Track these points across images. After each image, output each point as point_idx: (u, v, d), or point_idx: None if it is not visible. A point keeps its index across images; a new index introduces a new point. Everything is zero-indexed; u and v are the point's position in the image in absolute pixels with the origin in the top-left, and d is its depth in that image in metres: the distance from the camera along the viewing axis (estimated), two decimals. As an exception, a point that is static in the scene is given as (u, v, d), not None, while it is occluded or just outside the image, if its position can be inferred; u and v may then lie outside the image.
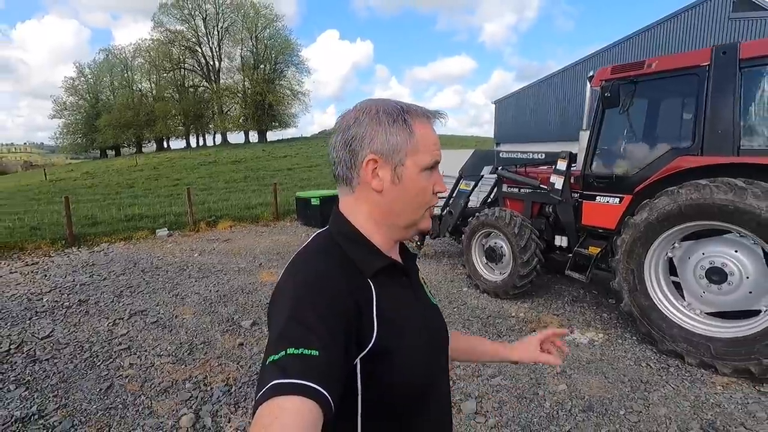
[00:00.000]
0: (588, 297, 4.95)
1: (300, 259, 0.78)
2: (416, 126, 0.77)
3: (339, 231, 0.80)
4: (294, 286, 0.70)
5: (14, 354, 3.81)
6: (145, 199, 14.25)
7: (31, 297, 5.35)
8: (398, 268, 0.81)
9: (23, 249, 8.01)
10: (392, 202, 0.77)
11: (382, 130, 0.75)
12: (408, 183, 0.76)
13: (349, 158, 0.76)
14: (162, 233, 9.37)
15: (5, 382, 3.31)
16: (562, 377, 3.21)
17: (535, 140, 16.73)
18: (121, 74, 53.04)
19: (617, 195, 3.99)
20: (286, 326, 0.63)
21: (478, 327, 4.20)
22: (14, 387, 3.24)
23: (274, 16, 50.71)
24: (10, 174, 56.26)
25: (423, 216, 0.81)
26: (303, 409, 0.54)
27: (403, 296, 0.81)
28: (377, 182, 0.76)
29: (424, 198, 0.79)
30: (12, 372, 3.48)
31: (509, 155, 5.56)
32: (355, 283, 0.73)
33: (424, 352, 0.79)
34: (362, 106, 0.78)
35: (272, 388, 0.55)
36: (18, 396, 3.11)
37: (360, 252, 0.77)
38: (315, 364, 0.58)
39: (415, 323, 0.79)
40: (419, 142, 0.76)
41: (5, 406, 2.98)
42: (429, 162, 0.77)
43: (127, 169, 28.68)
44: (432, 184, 0.80)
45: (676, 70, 3.60)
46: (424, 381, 0.79)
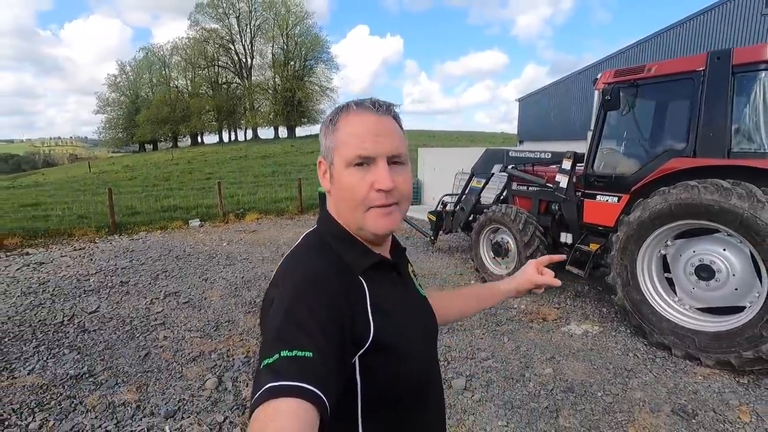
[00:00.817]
0: (591, 293, 5.11)
1: (291, 259, 0.78)
2: (343, 121, 0.74)
3: (327, 230, 0.80)
4: (286, 287, 0.70)
5: (67, 325, 4.37)
6: (179, 191, 15.09)
7: (79, 278, 5.99)
8: (388, 264, 0.82)
9: (72, 235, 8.79)
10: (336, 202, 0.79)
11: (322, 132, 0.79)
12: (337, 181, 0.75)
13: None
14: (194, 224, 10.02)
15: (61, 347, 3.85)
16: (550, 362, 3.45)
17: (558, 138, 16.56)
18: (159, 71, 55.43)
19: (616, 194, 4.15)
20: (280, 328, 0.63)
21: (479, 317, 4.46)
22: (68, 351, 3.77)
23: (305, 14, 51.82)
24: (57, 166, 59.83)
25: (364, 217, 0.74)
26: (299, 411, 0.54)
27: (395, 291, 0.81)
28: (326, 182, 0.79)
29: (354, 195, 0.73)
30: (66, 339, 4.03)
31: (518, 154, 5.75)
32: (347, 282, 0.73)
33: (419, 344, 0.81)
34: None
35: (267, 391, 0.55)
36: (71, 359, 3.64)
37: (349, 250, 0.77)
38: (310, 366, 0.58)
39: (408, 316, 0.80)
40: (342, 137, 0.74)
41: (62, 366, 3.50)
42: (351, 156, 0.72)
43: (163, 162, 30.11)
44: (367, 182, 0.72)
45: (673, 74, 3.74)
46: (421, 372, 0.81)
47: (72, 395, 3.07)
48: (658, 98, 4.22)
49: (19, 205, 12.16)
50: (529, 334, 4.01)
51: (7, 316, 4.57)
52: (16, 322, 4.41)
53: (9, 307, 4.83)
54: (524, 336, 3.98)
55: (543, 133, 19.21)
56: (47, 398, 3.02)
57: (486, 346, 3.78)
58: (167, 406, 2.92)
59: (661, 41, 15.15)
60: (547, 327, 4.17)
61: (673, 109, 4.11)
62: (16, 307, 4.83)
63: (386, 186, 0.71)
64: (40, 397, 3.03)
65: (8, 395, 3.06)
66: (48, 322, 4.43)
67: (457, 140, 38.35)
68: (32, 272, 6.29)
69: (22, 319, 4.51)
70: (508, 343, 3.83)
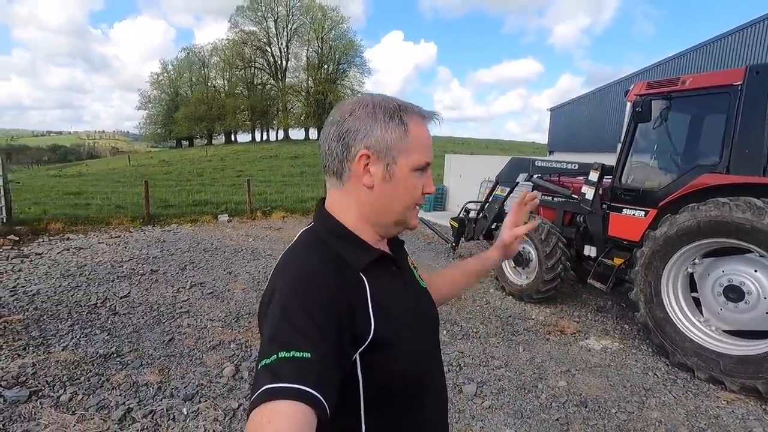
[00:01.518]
0: (614, 308, 4.98)
1: (289, 258, 0.77)
2: (411, 125, 0.76)
3: (325, 228, 0.79)
4: (284, 287, 0.69)
5: (100, 307, 4.62)
6: (211, 187, 15.59)
7: (113, 264, 6.30)
8: (388, 259, 0.81)
9: (109, 224, 9.25)
10: (381, 199, 0.77)
11: (377, 125, 0.74)
12: (399, 181, 0.76)
13: (342, 151, 0.75)
14: (223, 219, 10.35)
15: (93, 328, 4.08)
16: (564, 375, 3.40)
17: (588, 150, 16.13)
18: (198, 71, 57.43)
19: (643, 208, 4.05)
20: (278, 329, 0.63)
21: (495, 325, 4.43)
22: (99, 332, 4.00)
23: (341, 18, 52.60)
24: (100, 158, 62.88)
25: (411, 214, 0.81)
26: (296, 413, 0.54)
27: (395, 285, 0.81)
28: (368, 178, 0.75)
29: (413, 197, 0.79)
30: (98, 320, 4.26)
31: (544, 164, 5.68)
32: (347, 279, 0.72)
33: (420, 338, 0.81)
34: (359, 99, 0.78)
35: (265, 392, 0.55)
36: (101, 339, 3.85)
37: (349, 247, 0.76)
38: (307, 367, 0.58)
39: (409, 310, 0.80)
40: (413, 142, 0.76)
41: (93, 345, 3.71)
42: (421, 163, 0.77)
43: (198, 158, 31.18)
44: (422, 185, 0.80)
45: (709, 87, 3.63)
46: (422, 365, 0.81)
47: (100, 373, 3.25)
48: (691, 112, 4.09)
49: (63, 193, 12.89)
50: (546, 346, 3.95)
51: (47, 296, 4.87)
52: (54, 302, 4.69)
53: (49, 288, 5.15)
54: (540, 347, 3.92)
55: (574, 144, 18.77)
56: (78, 374, 3.22)
57: (500, 354, 3.75)
58: (186, 390, 3.06)
59: (701, 55, 14.58)
60: (564, 340, 4.10)
61: (708, 123, 3.98)
62: (55, 288, 5.14)
63: (433, 191, 0.83)
64: (72, 372, 3.23)
65: (43, 368, 3.27)
66: (83, 303, 4.70)
67: (486, 148, 38.01)
68: (72, 256, 6.67)
69: (60, 299, 4.80)
70: (523, 353, 3.79)
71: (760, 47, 12.62)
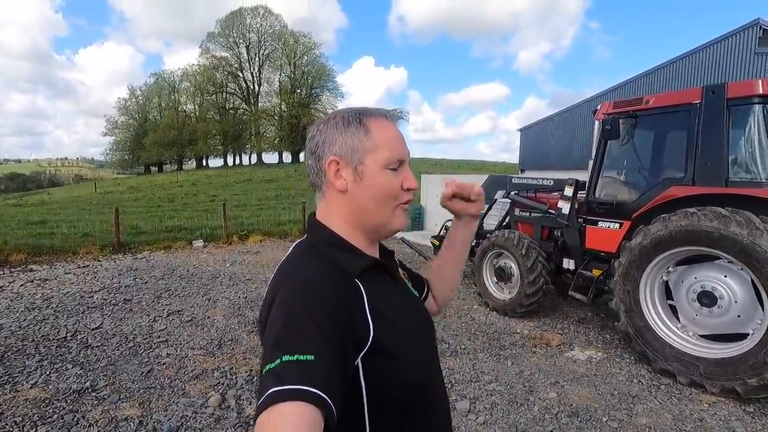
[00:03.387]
0: (595, 319, 5.11)
1: (286, 268, 0.79)
2: (373, 125, 0.79)
3: (318, 237, 0.82)
4: (285, 294, 0.70)
5: (70, 340, 4.37)
6: (183, 212, 15.21)
7: (83, 294, 6.00)
8: (381, 266, 0.83)
9: (76, 253, 8.84)
10: (357, 201, 0.80)
11: (339, 133, 0.79)
12: (370, 180, 0.79)
13: (315, 164, 0.81)
14: (198, 244, 10.08)
15: (64, 362, 3.85)
16: (554, 387, 3.43)
17: (558, 168, 16.82)
18: (168, 96, 56.74)
19: (617, 220, 4.23)
20: (280, 334, 0.64)
21: (482, 341, 4.45)
22: (71, 366, 3.77)
23: (312, 44, 53.40)
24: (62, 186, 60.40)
25: (393, 214, 0.82)
26: (303, 414, 0.54)
27: (390, 292, 0.83)
28: (341, 183, 0.79)
29: (388, 194, 0.80)
30: (69, 354, 4.02)
31: (521, 181, 5.87)
32: (344, 286, 0.73)
33: (421, 344, 0.83)
34: (326, 115, 0.84)
35: (271, 396, 0.56)
36: (74, 374, 3.63)
37: (343, 254, 0.78)
38: (311, 369, 0.59)
39: (406, 316, 0.82)
40: (378, 141, 0.78)
41: (65, 380, 3.49)
42: (388, 157, 0.79)
43: (168, 184, 30.41)
44: (400, 181, 0.81)
45: (671, 106, 3.89)
46: (423, 369, 0.81)
47: (74, 409, 3.06)
48: (656, 129, 4.36)
49: (25, 222, 12.27)
50: (533, 359, 4.00)
51: (11, 331, 4.57)
52: (19, 337, 4.41)
53: (12, 322, 4.84)
54: (528, 360, 3.96)
55: (544, 162, 19.51)
56: (50, 412, 3.02)
57: (489, 369, 3.77)
58: (170, 422, 2.91)
59: (658, 77, 15.62)
60: (550, 352, 4.16)
61: (672, 139, 4.24)
62: (20, 322, 4.84)
63: (414, 185, 0.83)
64: (43, 411, 3.02)
65: (11, 408, 3.05)
66: (51, 337, 4.44)
67: (459, 168, 38.82)
68: (36, 288, 6.31)
69: (25, 334, 4.51)
70: (512, 367, 3.82)
71: (709, 69, 13.64)
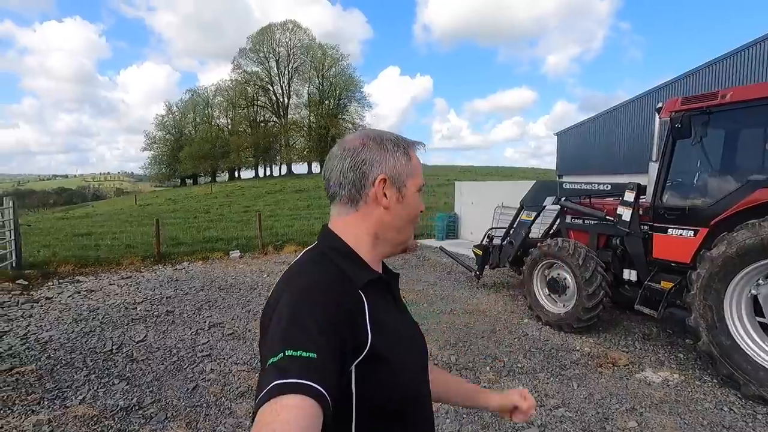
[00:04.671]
0: (661, 336, 4.68)
1: (295, 271, 0.83)
2: (413, 154, 0.89)
3: (330, 246, 0.84)
4: (291, 294, 0.73)
5: (116, 354, 4.35)
6: (219, 223, 15.48)
7: (127, 306, 6.06)
8: (384, 282, 0.87)
9: (119, 264, 9.05)
10: (395, 219, 0.86)
11: (389, 155, 0.85)
12: (409, 201, 0.87)
13: (359, 179, 0.83)
14: (234, 255, 10.14)
15: (110, 377, 3.80)
16: (631, 414, 3.08)
17: (600, 172, 16.05)
18: (202, 111, 58.72)
19: (691, 227, 3.84)
20: (285, 330, 0.65)
21: (540, 359, 4.13)
22: (117, 381, 3.72)
23: (340, 56, 54.14)
24: (105, 199, 63.40)
25: (412, 233, 0.93)
26: (305, 407, 0.56)
27: (390, 308, 0.86)
28: (385, 200, 0.84)
29: (416, 215, 0.90)
30: (115, 368, 3.99)
31: (573, 186, 5.52)
32: (349, 293, 0.76)
33: (413, 361, 0.85)
34: (365, 134, 0.88)
35: (273, 387, 0.57)
36: (121, 389, 3.57)
37: (351, 265, 0.82)
38: (314, 366, 0.60)
39: (404, 333, 0.86)
40: (414, 167, 0.88)
41: (111, 396, 3.43)
42: (421, 183, 0.90)
43: (203, 196, 31.28)
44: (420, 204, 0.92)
45: (753, 100, 3.50)
46: (415, 386, 0.84)
47: (122, 428, 2.97)
48: (734, 126, 3.96)
49: (72, 234, 12.76)
50: (601, 380, 3.65)
51: (60, 343, 4.61)
52: (67, 350, 4.43)
53: (61, 334, 4.89)
54: (595, 382, 3.61)
55: (583, 167, 18.71)
56: (98, 430, 2.93)
57: (554, 392, 3.45)
58: (219, 446, 2.76)
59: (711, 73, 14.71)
60: (619, 373, 3.79)
61: (754, 136, 3.83)
62: (68, 335, 4.88)
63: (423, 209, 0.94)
64: (91, 429, 2.95)
65: (60, 425, 2.99)
66: (98, 350, 4.43)
67: (489, 175, 38.07)
68: (83, 299, 6.43)
69: (74, 346, 4.53)
70: (579, 389, 3.48)
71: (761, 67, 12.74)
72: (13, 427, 2.98)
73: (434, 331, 4.88)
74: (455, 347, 4.44)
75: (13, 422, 3.03)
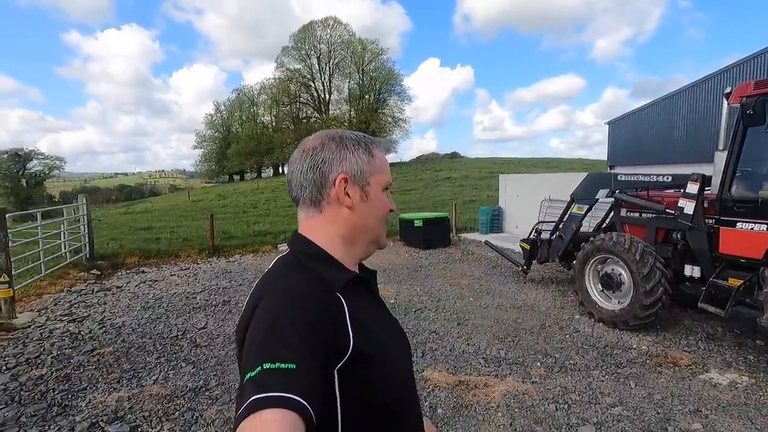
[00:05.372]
0: (727, 335, 4.41)
1: (269, 279, 0.80)
2: (376, 152, 0.86)
3: (303, 251, 0.82)
4: (268, 303, 0.71)
5: (181, 339, 4.69)
6: (267, 217, 16.09)
7: (188, 295, 6.48)
8: (363, 282, 0.86)
9: (178, 256, 9.65)
10: (361, 218, 0.84)
11: (349, 153, 0.82)
12: (374, 200, 0.85)
13: (319, 179, 0.81)
14: (283, 248, 10.52)
15: (178, 360, 4.11)
16: (695, 416, 2.95)
17: (656, 162, 15.16)
18: (248, 109, 60.94)
19: (763, 221, 3.59)
20: (263, 343, 0.64)
21: (593, 356, 4.02)
22: (184, 365, 4.01)
23: (380, 50, 54.22)
24: (161, 195, 67.48)
25: (384, 230, 0.90)
26: (285, 421, 0.54)
27: (371, 307, 0.85)
28: (348, 200, 0.82)
29: (385, 213, 0.88)
30: (181, 353, 4.30)
31: (628, 178, 5.28)
32: (327, 298, 0.75)
33: (398, 357, 0.83)
34: (324, 134, 0.85)
35: (252, 403, 0.56)
36: (188, 372, 3.85)
37: (327, 268, 0.80)
38: (293, 377, 0.59)
39: (387, 330, 0.85)
40: (378, 165, 0.85)
41: (181, 378, 3.72)
42: (387, 181, 0.87)
43: (250, 191, 32.54)
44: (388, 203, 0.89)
45: (840, 82, 3.20)
46: (402, 385, 0.82)
47: (192, 407, 3.21)
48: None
49: (134, 228, 13.74)
50: (660, 380, 3.51)
51: (131, 328, 5.02)
52: (139, 334, 4.82)
53: (132, 320, 5.32)
54: (654, 382, 3.48)
55: (637, 157, 17.72)
56: (171, 409, 3.20)
57: (610, 390, 3.36)
58: (280, 427, 2.93)
59: None
60: (680, 373, 3.62)
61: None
62: (138, 320, 5.31)
63: (395, 209, 0.91)
64: (166, 407, 3.21)
65: (139, 402, 3.29)
66: (165, 335, 4.79)
67: (534, 167, 36.84)
68: (148, 288, 6.94)
69: (144, 331, 4.93)
70: (637, 389, 3.37)
71: None
72: (99, 402, 3.31)
73: (482, 326, 4.87)
74: (503, 342, 4.41)
75: (99, 398, 3.36)
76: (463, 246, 10.37)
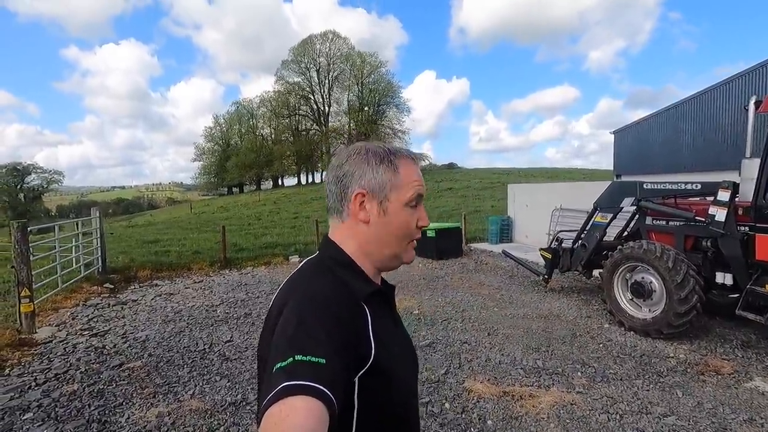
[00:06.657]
0: (762, 343, 4.38)
1: (297, 281, 0.82)
2: (402, 165, 0.84)
3: (331, 257, 0.84)
4: (298, 301, 0.73)
5: (209, 353, 4.61)
6: (273, 229, 16.03)
7: (207, 308, 6.40)
8: (384, 295, 0.87)
9: (190, 269, 9.56)
10: (378, 233, 0.84)
11: (369, 168, 0.83)
12: (392, 216, 0.83)
13: (339, 192, 0.84)
14: (294, 260, 10.46)
15: (211, 374, 4.04)
16: (751, 425, 2.92)
17: (662, 171, 15.27)
18: (247, 122, 61.22)
19: (803, 227, 3.60)
20: (293, 337, 0.65)
21: (632, 365, 3.98)
22: (219, 378, 3.94)
23: (379, 63, 54.88)
24: (160, 208, 67.26)
25: (406, 248, 0.87)
26: (313, 408, 0.55)
27: (389, 322, 0.86)
28: (364, 214, 0.83)
29: (407, 231, 0.85)
30: (213, 366, 4.23)
31: (654, 186, 5.30)
32: (352, 305, 0.76)
33: (409, 374, 0.87)
34: (354, 147, 0.87)
35: (282, 389, 0.56)
36: (224, 386, 3.78)
37: (352, 277, 0.81)
38: (322, 370, 0.60)
39: (401, 346, 0.87)
40: (403, 180, 0.84)
41: (217, 392, 3.64)
42: (411, 196, 0.84)
43: (252, 203, 32.51)
44: (416, 219, 0.86)
45: None
46: (408, 401, 0.85)
47: (236, 422, 3.15)
48: None
49: (141, 241, 13.63)
50: (706, 389, 3.47)
51: (156, 342, 4.94)
52: (165, 348, 4.74)
53: (155, 334, 5.24)
54: (700, 390, 3.44)
55: (644, 166, 17.82)
56: (215, 424, 3.13)
57: (657, 400, 3.32)
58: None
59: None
60: (724, 382, 3.59)
61: None
62: (161, 334, 5.22)
63: (428, 224, 0.89)
64: (209, 422, 3.14)
65: (180, 417, 3.21)
66: (192, 348, 4.72)
67: (533, 177, 37.05)
68: (165, 302, 6.86)
69: (169, 345, 4.85)
70: (684, 398, 3.33)
71: None
72: (139, 417, 3.23)
73: (512, 336, 4.82)
74: (538, 351, 4.36)
75: (138, 414, 3.29)
76: (475, 256, 10.35)
